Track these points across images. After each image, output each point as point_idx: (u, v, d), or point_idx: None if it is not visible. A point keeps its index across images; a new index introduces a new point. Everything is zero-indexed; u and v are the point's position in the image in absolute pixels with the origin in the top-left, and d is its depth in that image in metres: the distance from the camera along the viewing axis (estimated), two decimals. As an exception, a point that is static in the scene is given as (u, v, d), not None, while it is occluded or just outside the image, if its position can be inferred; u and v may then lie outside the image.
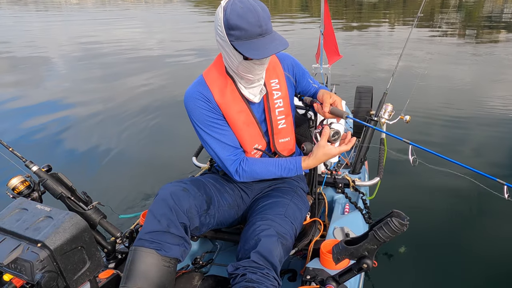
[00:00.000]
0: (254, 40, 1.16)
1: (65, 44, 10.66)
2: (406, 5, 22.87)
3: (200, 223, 1.34)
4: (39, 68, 7.87)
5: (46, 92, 6.21)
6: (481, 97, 5.50)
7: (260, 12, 1.15)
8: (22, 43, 10.60)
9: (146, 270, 1.18)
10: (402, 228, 0.94)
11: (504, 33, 11.70)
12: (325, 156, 1.33)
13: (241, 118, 1.38)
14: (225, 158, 1.38)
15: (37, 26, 14.84)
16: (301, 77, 1.52)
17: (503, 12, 17.53)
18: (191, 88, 1.36)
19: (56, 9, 23.18)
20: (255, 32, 1.15)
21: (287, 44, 1.18)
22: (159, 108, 5.30)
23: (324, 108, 1.35)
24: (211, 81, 1.35)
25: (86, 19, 17.38)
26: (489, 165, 3.50)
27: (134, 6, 25.63)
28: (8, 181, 1.37)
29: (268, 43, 1.16)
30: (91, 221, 1.43)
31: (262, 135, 1.45)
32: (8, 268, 0.95)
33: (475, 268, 2.22)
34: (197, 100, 1.33)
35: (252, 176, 1.40)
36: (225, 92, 1.34)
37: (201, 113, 1.34)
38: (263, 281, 1.12)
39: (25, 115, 5.02)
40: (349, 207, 1.81)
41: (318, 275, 1.28)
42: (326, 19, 3.37)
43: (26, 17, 18.06)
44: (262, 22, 1.15)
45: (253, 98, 1.37)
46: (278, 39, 1.19)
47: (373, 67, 7.37)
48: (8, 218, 1.03)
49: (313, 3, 24.87)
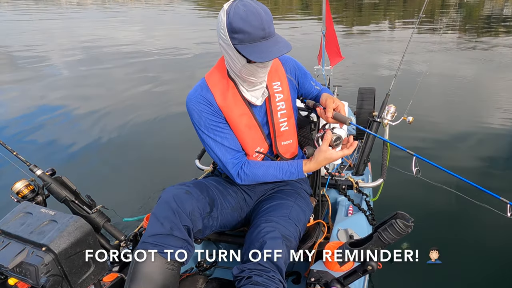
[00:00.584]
0: (258, 43, 1.17)
1: (65, 44, 10.69)
2: (406, 5, 22.85)
3: (203, 225, 1.33)
4: (40, 69, 7.88)
5: (49, 95, 6.23)
6: (485, 97, 5.48)
7: (263, 15, 1.15)
8: (22, 42, 10.63)
9: (150, 273, 1.18)
10: (407, 229, 0.93)
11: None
12: (326, 160, 1.34)
13: (243, 121, 1.38)
14: (227, 161, 1.39)
15: (37, 25, 14.87)
16: (303, 79, 1.52)
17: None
18: (193, 91, 1.37)
19: (56, 8, 23.20)
20: (258, 35, 1.16)
21: (290, 47, 1.18)
22: (162, 111, 5.31)
23: (327, 113, 1.35)
24: (213, 84, 1.35)
25: (87, 18, 17.41)
26: (493, 170, 3.49)
27: (134, 6, 25.57)
28: (13, 185, 1.37)
29: (272, 46, 1.17)
30: (95, 225, 1.43)
31: (264, 138, 1.45)
32: (13, 272, 0.96)
33: (479, 269, 2.21)
34: (199, 104, 1.34)
35: (253, 179, 1.40)
36: (227, 95, 1.35)
37: (203, 117, 1.34)
38: (269, 284, 1.11)
39: (28, 120, 5.04)
40: (352, 208, 1.80)
41: (322, 277, 1.28)
42: (327, 21, 3.37)
43: (26, 16, 18.10)
44: (265, 25, 1.16)
45: (255, 101, 1.37)
46: (281, 42, 1.19)
47: (375, 68, 7.37)
48: (12, 222, 1.04)
49: (313, 2, 24.87)
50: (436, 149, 3.90)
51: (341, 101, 1.45)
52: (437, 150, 3.87)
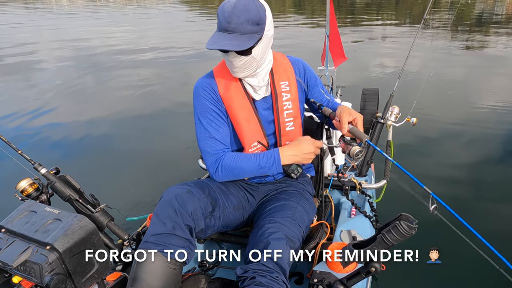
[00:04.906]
0: (219, 32, 1.22)
1: (58, 45, 10.69)
2: (406, 5, 22.76)
3: (205, 225, 1.34)
4: (39, 70, 7.93)
5: (53, 94, 6.26)
6: (487, 97, 5.46)
7: (238, 10, 1.18)
8: (13, 42, 10.64)
9: (152, 273, 1.18)
10: (411, 231, 0.93)
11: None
12: (300, 145, 1.36)
13: (242, 114, 1.40)
14: (207, 150, 1.40)
15: (29, 26, 14.86)
16: (313, 84, 1.52)
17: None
18: (201, 79, 1.43)
19: (46, 9, 23.13)
20: (222, 26, 1.21)
21: (240, 48, 1.19)
22: (165, 111, 5.32)
23: (342, 129, 1.33)
24: (219, 75, 1.40)
25: (78, 19, 17.35)
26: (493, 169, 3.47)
27: (123, 6, 25.35)
28: (17, 184, 1.38)
29: (227, 40, 1.20)
30: (99, 224, 1.44)
31: (263, 134, 1.45)
32: (17, 271, 0.96)
33: (479, 269, 2.19)
34: (203, 90, 1.39)
35: (230, 169, 1.38)
36: (230, 86, 1.39)
37: (203, 103, 1.39)
38: (273, 285, 1.11)
39: (32, 118, 5.07)
40: (355, 210, 1.80)
41: (325, 278, 1.28)
42: (331, 21, 3.36)
43: (16, 17, 18.05)
44: (232, 19, 1.19)
45: (255, 96, 1.40)
46: (240, 41, 1.20)
47: (378, 69, 7.35)
48: (17, 221, 1.04)
49: (305, 2, 24.75)
50: (435, 148, 3.89)
51: (344, 101, 1.45)
52: (437, 150, 3.86)
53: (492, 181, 3.29)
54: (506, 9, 18.42)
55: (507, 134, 4.22)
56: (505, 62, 7.78)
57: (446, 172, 3.39)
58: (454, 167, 3.50)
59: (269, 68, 1.40)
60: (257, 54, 1.27)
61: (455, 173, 3.39)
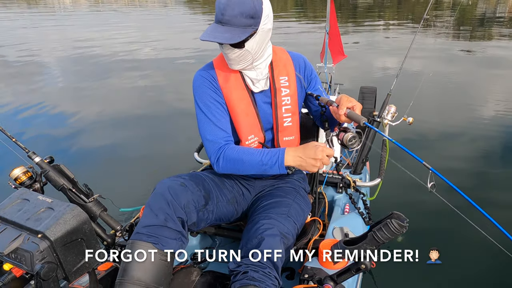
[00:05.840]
0: (214, 24, 1.23)
1: (59, 45, 10.59)
2: (408, 7, 22.72)
3: (198, 218, 1.33)
4: (40, 65, 7.88)
5: (50, 86, 6.23)
6: (487, 97, 5.48)
7: (233, 2, 1.18)
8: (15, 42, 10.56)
9: (143, 264, 1.18)
10: (402, 229, 0.94)
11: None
12: (308, 148, 1.25)
13: (240, 106, 1.40)
14: (210, 139, 1.37)
15: (31, 28, 14.72)
16: (312, 80, 1.51)
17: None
18: (200, 69, 1.44)
19: (49, 9, 22.90)
20: (217, 17, 1.22)
21: (231, 41, 1.20)
22: (162, 104, 5.31)
23: (339, 110, 1.27)
24: (219, 66, 1.41)
25: (81, 20, 17.23)
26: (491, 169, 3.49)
27: (127, 8, 25.09)
28: (11, 171, 1.37)
29: (219, 32, 1.20)
30: (92, 214, 1.44)
31: (260, 127, 1.45)
32: (8, 258, 0.96)
33: (479, 269, 2.22)
34: (203, 78, 1.39)
35: (231, 160, 1.33)
36: (230, 77, 1.39)
37: (204, 92, 1.38)
38: (265, 280, 1.12)
39: (28, 108, 5.04)
40: (349, 207, 1.80)
41: (316, 274, 1.29)
42: (332, 19, 3.36)
43: (19, 18, 17.91)
44: (226, 12, 1.19)
45: (253, 88, 1.40)
46: (232, 34, 1.20)
47: (377, 68, 7.35)
48: (9, 208, 1.04)
49: (307, 2, 24.65)
50: (432, 148, 3.91)
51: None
52: (433, 149, 3.88)
53: (491, 181, 3.32)
54: (508, 9, 18.40)
55: (507, 134, 4.24)
56: (505, 62, 7.79)
57: (442, 171, 3.40)
58: (451, 166, 3.51)
59: (268, 62, 1.39)
60: (251, 47, 1.26)
61: (452, 172, 3.40)
